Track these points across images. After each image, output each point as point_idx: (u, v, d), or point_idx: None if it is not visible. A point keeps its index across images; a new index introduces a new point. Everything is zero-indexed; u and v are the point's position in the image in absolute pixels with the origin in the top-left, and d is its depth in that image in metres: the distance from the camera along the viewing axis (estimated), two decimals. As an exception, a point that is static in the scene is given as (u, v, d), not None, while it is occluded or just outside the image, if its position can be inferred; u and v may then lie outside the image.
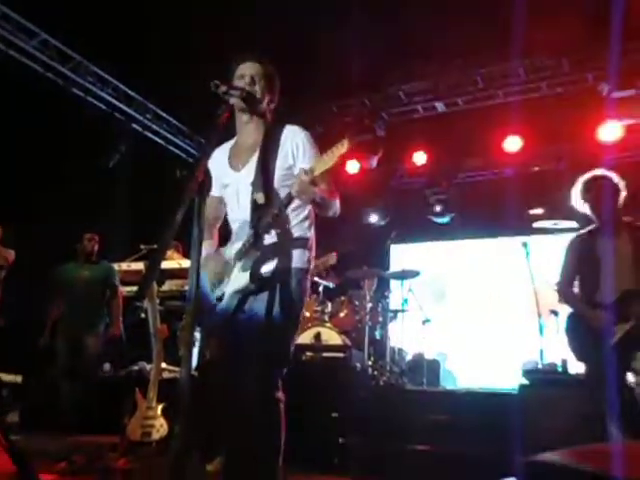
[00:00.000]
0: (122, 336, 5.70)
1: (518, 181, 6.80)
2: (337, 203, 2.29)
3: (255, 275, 2.14)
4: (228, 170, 2.37)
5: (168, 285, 5.50)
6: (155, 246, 5.74)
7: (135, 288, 5.82)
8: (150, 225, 6.33)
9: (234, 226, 2.38)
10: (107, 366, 5.64)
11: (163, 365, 4.71)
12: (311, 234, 2.33)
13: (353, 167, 7.42)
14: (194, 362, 5.96)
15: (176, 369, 5.27)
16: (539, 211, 6.75)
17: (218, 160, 2.36)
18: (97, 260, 5.40)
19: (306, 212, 2.30)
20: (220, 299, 2.23)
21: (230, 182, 2.36)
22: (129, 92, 6.74)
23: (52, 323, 5.25)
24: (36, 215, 5.72)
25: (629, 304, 2.99)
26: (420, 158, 7.19)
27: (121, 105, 6.72)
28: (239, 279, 2.20)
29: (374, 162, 7.30)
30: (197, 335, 6.07)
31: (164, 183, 6.69)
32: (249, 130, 2.37)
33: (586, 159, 6.55)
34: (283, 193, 2.16)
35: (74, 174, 5.90)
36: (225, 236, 2.47)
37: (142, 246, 5.73)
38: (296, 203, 2.21)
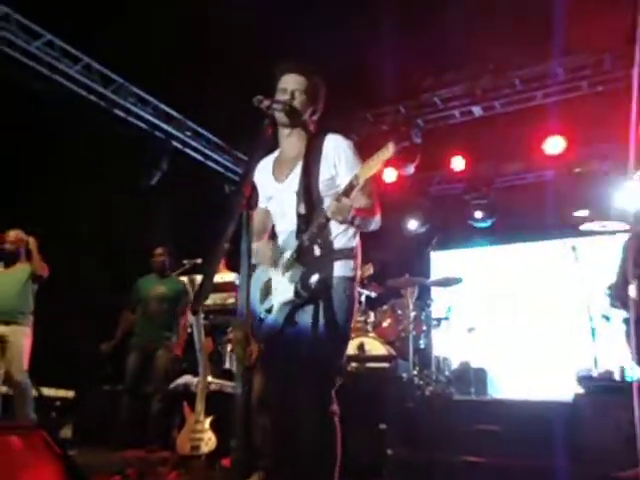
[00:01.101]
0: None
1: (560, 183, 6.66)
2: (378, 218, 2.29)
3: (302, 287, 2.14)
4: (272, 182, 2.40)
5: (211, 299, 5.57)
6: (199, 260, 5.83)
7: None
8: (192, 240, 6.49)
9: (280, 237, 2.39)
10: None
11: (209, 378, 4.76)
12: (356, 243, 2.33)
13: (390, 175, 7.39)
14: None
15: (222, 382, 5.33)
16: (585, 213, 6.59)
17: (263, 173, 2.39)
18: (170, 274, 5.41)
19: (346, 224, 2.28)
20: (269, 311, 2.24)
21: (274, 194, 2.38)
22: (168, 110, 6.88)
23: (121, 333, 5.28)
24: (80, 235, 5.87)
25: None
26: (459, 163, 7.11)
27: (161, 123, 6.87)
28: (287, 290, 2.21)
29: (411, 169, 7.23)
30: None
31: (204, 198, 6.88)
32: (292, 142, 2.38)
33: (636, 159, 6.39)
34: (327, 202, 2.16)
35: (117, 193, 6.04)
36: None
37: (185, 261, 5.80)
38: None
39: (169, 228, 6.51)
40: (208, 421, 4.36)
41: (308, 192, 2.24)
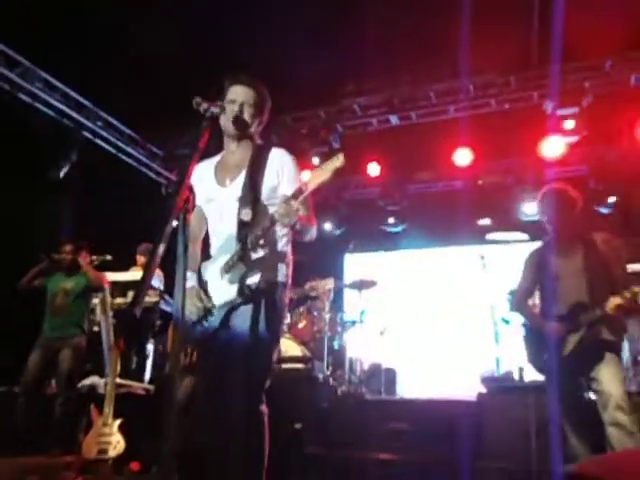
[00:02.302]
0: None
1: (468, 193, 7.04)
2: (314, 229, 2.37)
3: (243, 288, 2.18)
4: (214, 185, 2.41)
5: (124, 298, 5.39)
6: (108, 257, 5.61)
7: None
8: (101, 235, 6.22)
9: (217, 240, 2.40)
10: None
11: (118, 380, 4.59)
12: (288, 249, 2.40)
13: (307, 177, 7.47)
14: (147, 375, 5.89)
15: (132, 383, 5.16)
16: (487, 222, 7.03)
17: (202, 175, 2.40)
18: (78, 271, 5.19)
19: (286, 229, 2.35)
20: (205, 314, 2.23)
21: (215, 197, 2.39)
22: (79, 98, 6.55)
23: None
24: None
25: (579, 314, 3.13)
26: (374, 169, 7.32)
27: (71, 112, 6.52)
28: (226, 292, 2.23)
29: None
30: (150, 347, 6.01)
31: (115, 192, 6.61)
32: (237, 150, 2.43)
33: (531, 173, 6.90)
34: (269, 210, 2.21)
35: (22, 185, 5.67)
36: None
37: (94, 257, 5.57)
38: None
39: (77, 223, 6.21)
40: (116, 424, 4.21)
41: (251, 199, 2.28)
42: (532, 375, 4.31)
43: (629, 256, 3.86)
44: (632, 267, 4.03)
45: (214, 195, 2.39)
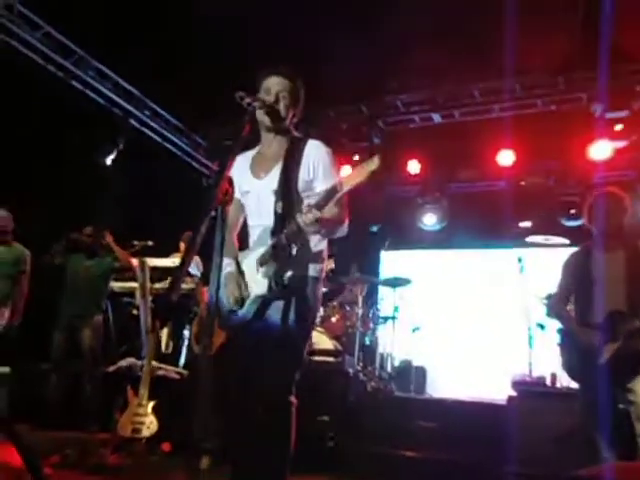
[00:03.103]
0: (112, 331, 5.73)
1: (510, 194, 6.92)
2: (345, 227, 2.38)
3: (276, 282, 2.21)
4: (250, 177, 2.45)
5: (163, 282, 5.53)
6: (150, 243, 5.78)
7: (128, 285, 5.85)
8: (144, 221, 6.38)
9: (254, 232, 2.45)
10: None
11: (154, 363, 4.74)
12: (324, 246, 2.42)
13: (347, 173, 7.48)
14: (182, 360, 6.05)
15: (167, 367, 5.31)
16: (527, 224, 6.91)
17: (240, 167, 2.43)
18: (101, 253, 5.38)
19: None
20: (242, 304, 2.29)
21: (251, 189, 2.43)
22: (128, 87, 6.72)
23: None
24: (31, 206, 5.69)
25: (617, 324, 3.07)
26: (414, 167, 7.29)
27: (120, 100, 6.71)
28: (260, 285, 2.27)
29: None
30: (186, 333, 6.16)
31: (159, 180, 6.78)
32: (273, 142, 2.46)
33: (576, 177, 6.75)
34: (305, 202, 2.23)
35: (71, 167, 5.88)
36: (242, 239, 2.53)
37: (135, 242, 5.75)
38: None
39: (121, 207, 6.39)
40: (151, 405, 4.35)
41: (287, 192, 2.30)
42: (565, 382, 4.27)
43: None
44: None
45: (250, 187, 2.43)
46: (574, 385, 3.44)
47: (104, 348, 5.39)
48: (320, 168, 2.35)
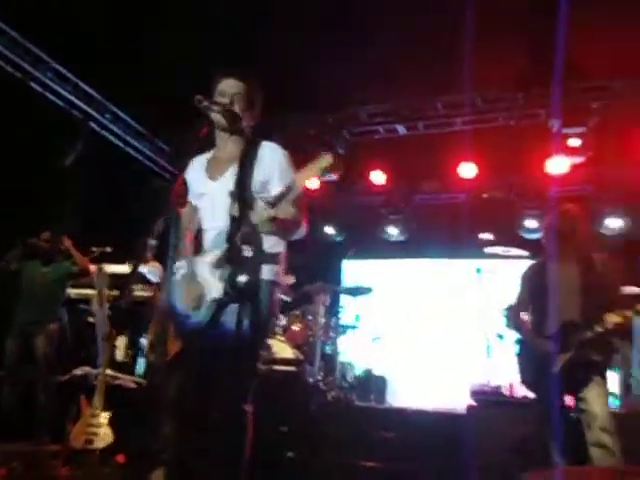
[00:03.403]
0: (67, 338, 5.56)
1: (471, 207, 7.03)
2: (302, 229, 2.36)
3: (231, 286, 2.17)
4: (206, 180, 2.40)
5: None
6: (108, 249, 5.65)
7: (84, 291, 5.71)
8: (102, 227, 6.23)
9: (208, 235, 2.39)
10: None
11: (109, 372, 4.61)
12: (281, 248, 2.39)
13: (313, 183, 7.48)
14: (139, 369, 5.91)
15: (123, 376, 5.17)
16: (488, 236, 7.02)
17: (196, 170, 2.40)
18: (58, 259, 5.22)
19: None
20: (196, 309, 2.24)
21: (206, 191, 2.38)
22: (89, 90, 6.59)
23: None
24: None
25: (570, 334, 3.14)
26: (379, 178, 7.33)
27: (80, 103, 6.57)
28: (216, 288, 2.22)
29: (333, 178, 7.39)
30: (143, 341, 6.03)
31: (119, 185, 6.64)
32: (228, 144, 2.42)
33: (535, 190, 6.91)
34: (260, 204, 2.21)
35: (28, 171, 5.72)
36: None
37: (94, 248, 5.62)
38: None
39: (80, 213, 6.23)
40: (105, 416, 4.22)
41: (242, 194, 2.27)
42: (522, 391, 4.33)
43: (626, 278, 3.88)
44: (629, 289, 4.04)
45: (205, 189, 2.38)
46: (531, 394, 3.49)
47: (59, 356, 5.22)
48: (276, 170, 2.33)
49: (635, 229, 6.42)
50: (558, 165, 6.39)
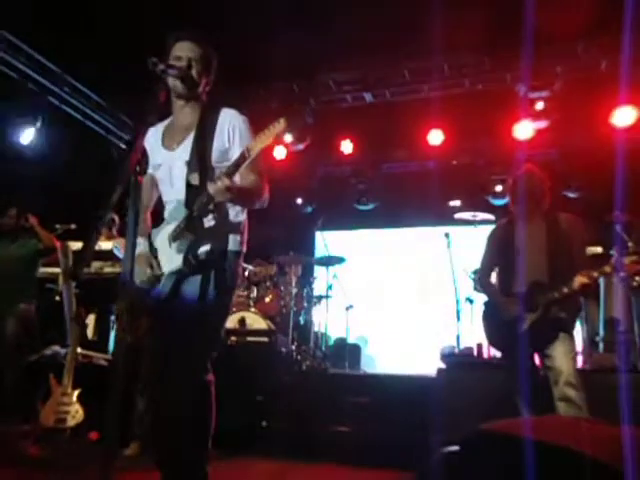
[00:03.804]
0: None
1: (440, 173, 7.06)
2: (265, 197, 2.29)
3: (190, 257, 2.12)
4: (162, 150, 2.34)
5: (88, 268, 5.30)
6: (72, 226, 5.52)
7: (51, 270, 5.58)
8: (66, 204, 6.07)
9: (167, 206, 2.34)
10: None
11: (79, 350, 4.55)
12: (243, 217, 2.34)
13: (280, 153, 7.41)
14: (110, 346, 5.85)
15: (92, 354, 5.11)
16: (457, 203, 7.07)
17: (152, 140, 2.33)
18: (22, 237, 5.08)
19: None
20: (157, 281, 2.19)
21: (163, 161, 2.32)
22: (44, 62, 6.33)
23: None
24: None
25: (537, 294, 3.20)
26: (347, 147, 7.29)
27: (35, 75, 6.31)
28: (174, 261, 2.18)
29: (301, 147, 7.33)
30: (112, 318, 5.96)
31: (81, 160, 6.46)
32: (185, 112, 2.35)
33: (501, 155, 6.96)
34: (216, 173, 2.14)
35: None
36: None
37: (57, 226, 5.48)
38: None
39: (42, 189, 6.05)
40: (76, 394, 4.18)
41: (200, 163, 2.20)
42: (490, 352, 4.42)
43: (589, 239, 3.95)
44: (590, 249, 4.12)
45: (162, 159, 2.32)
46: (499, 354, 3.56)
47: (29, 336, 5.11)
48: (236, 137, 2.26)
49: (594, 191, 6.52)
50: (525, 130, 6.43)
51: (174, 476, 2.08)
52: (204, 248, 2.14)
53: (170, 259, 2.20)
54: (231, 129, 2.27)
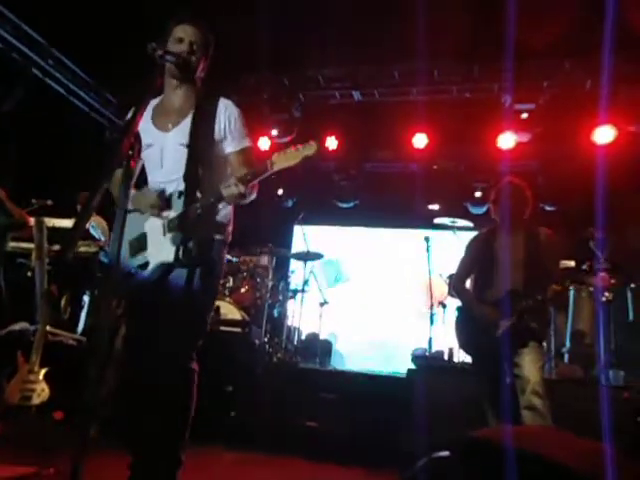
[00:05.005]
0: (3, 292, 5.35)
1: (422, 177, 7.11)
2: (254, 193, 2.31)
3: (184, 252, 2.11)
4: (153, 130, 2.31)
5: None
6: (48, 202, 5.43)
7: (24, 245, 5.48)
8: (42, 178, 5.96)
9: (154, 187, 2.31)
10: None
11: (48, 328, 4.48)
12: (230, 208, 2.35)
13: (264, 144, 7.38)
14: (81, 326, 5.78)
15: (62, 333, 5.04)
16: (436, 207, 7.15)
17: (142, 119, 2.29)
18: None
19: None
20: (142, 267, 2.17)
21: (154, 142, 2.29)
22: (30, 32, 6.19)
23: None
24: None
25: (512, 302, 3.27)
26: (332, 143, 7.30)
27: (20, 45, 6.17)
28: (167, 251, 2.15)
29: (286, 140, 7.32)
30: (86, 299, 5.88)
31: (60, 136, 6.34)
32: (177, 93, 2.33)
33: (484, 163, 7.05)
34: (215, 163, 2.14)
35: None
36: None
37: (34, 201, 5.38)
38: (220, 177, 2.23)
39: (19, 162, 5.93)
40: (43, 372, 4.12)
41: (199, 149, 2.20)
42: (461, 357, 4.50)
43: (564, 253, 4.04)
44: (563, 263, 4.22)
45: (153, 140, 2.29)
46: (469, 359, 3.62)
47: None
48: (233, 128, 2.28)
49: (571, 205, 6.66)
50: (507, 140, 6.53)
51: (149, 462, 2.08)
52: (196, 241, 2.13)
53: (161, 249, 2.17)
54: (227, 121, 2.28)
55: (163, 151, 2.27)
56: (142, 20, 5.11)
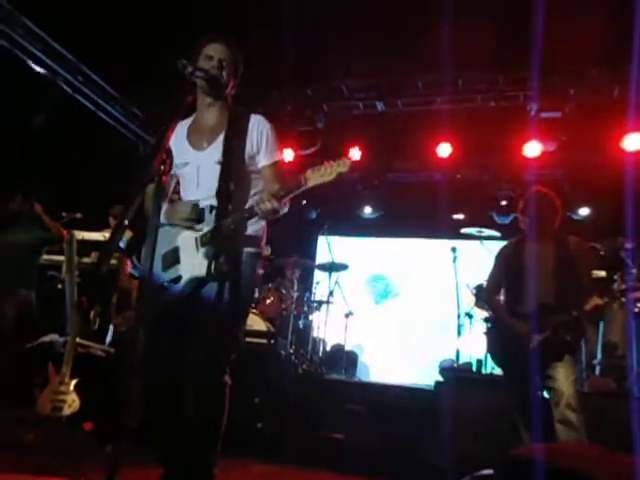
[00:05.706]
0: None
1: (446, 186, 7.07)
2: (286, 208, 2.30)
3: (216, 267, 2.11)
4: (189, 149, 2.35)
5: (93, 257, 5.31)
6: (78, 215, 5.54)
7: (54, 258, 5.58)
8: (72, 192, 6.07)
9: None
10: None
11: (78, 340, 4.55)
12: (264, 222, 2.36)
13: (288, 155, 7.42)
14: (109, 337, 5.85)
15: (91, 344, 5.11)
16: (460, 217, 7.10)
17: (177, 138, 2.33)
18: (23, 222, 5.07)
19: None
20: (176, 280, 2.19)
21: (190, 160, 2.33)
22: (60, 50, 6.34)
23: None
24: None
25: (546, 315, 3.20)
26: (355, 154, 7.30)
27: (51, 62, 6.32)
28: (200, 266, 2.16)
29: (309, 151, 7.35)
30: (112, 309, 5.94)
31: (90, 150, 6.46)
32: (212, 111, 2.37)
33: (509, 172, 6.98)
34: (246, 178, 2.17)
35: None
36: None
37: (64, 214, 5.49)
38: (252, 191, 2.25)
39: (49, 177, 6.06)
40: (73, 383, 4.18)
41: (232, 165, 2.23)
42: (490, 368, 4.44)
43: (595, 262, 3.97)
44: (594, 273, 4.14)
45: (189, 158, 2.33)
46: (498, 371, 3.57)
47: (28, 323, 5.10)
48: (264, 143, 2.31)
49: (600, 215, 6.55)
50: (533, 149, 6.46)
51: (182, 476, 2.09)
52: (227, 255, 2.14)
53: (194, 263, 2.19)
54: (260, 136, 2.31)
55: (199, 170, 2.30)
56: (172, 37, 5.24)
